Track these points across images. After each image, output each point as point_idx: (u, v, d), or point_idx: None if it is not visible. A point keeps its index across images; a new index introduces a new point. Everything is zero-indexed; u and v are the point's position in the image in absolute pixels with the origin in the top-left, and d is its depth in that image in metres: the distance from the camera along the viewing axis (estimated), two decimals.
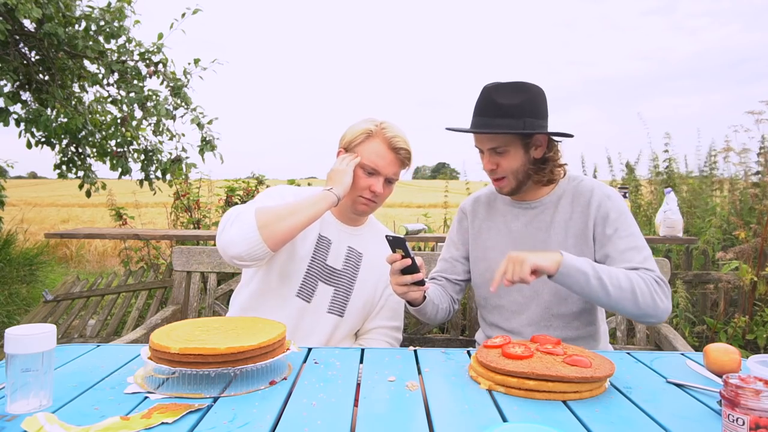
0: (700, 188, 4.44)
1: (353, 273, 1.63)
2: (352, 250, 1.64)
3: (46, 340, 0.92)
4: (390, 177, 1.59)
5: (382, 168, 1.56)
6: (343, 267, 1.62)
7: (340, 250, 1.62)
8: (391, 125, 1.60)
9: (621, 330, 2.05)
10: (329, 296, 1.59)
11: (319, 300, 1.58)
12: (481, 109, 1.50)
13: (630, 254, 1.45)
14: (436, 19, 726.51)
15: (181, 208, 4.85)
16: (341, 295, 1.61)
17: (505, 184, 1.54)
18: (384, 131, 1.57)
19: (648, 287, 1.37)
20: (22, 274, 4.81)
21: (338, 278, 1.61)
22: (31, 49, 4.04)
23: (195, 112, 4.27)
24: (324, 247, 1.60)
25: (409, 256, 1.36)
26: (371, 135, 1.57)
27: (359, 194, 1.58)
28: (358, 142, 1.58)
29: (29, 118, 3.87)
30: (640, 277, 1.38)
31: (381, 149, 1.56)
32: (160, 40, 4.18)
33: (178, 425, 0.86)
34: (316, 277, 1.58)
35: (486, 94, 1.50)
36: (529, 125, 1.46)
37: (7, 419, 0.87)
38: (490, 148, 1.51)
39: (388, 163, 1.57)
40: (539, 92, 1.51)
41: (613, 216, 1.50)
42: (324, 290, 1.59)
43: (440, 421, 0.89)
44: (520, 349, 1.09)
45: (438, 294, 1.66)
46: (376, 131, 1.57)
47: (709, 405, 0.99)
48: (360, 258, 1.65)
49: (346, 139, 1.61)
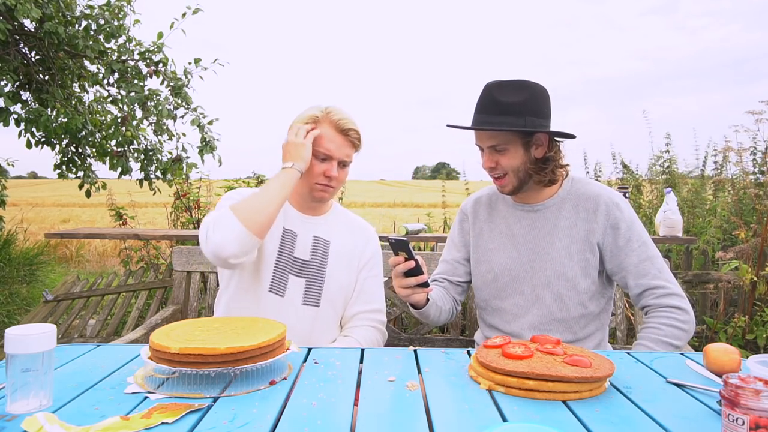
0: (700, 188, 4.45)
1: (322, 262, 1.62)
2: (318, 239, 1.64)
3: (46, 340, 0.92)
4: (343, 160, 1.59)
5: (333, 152, 1.56)
6: (312, 257, 1.61)
7: (306, 241, 1.62)
8: (337, 108, 1.59)
9: (621, 330, 2.04)
10: (302, 288, 1.59)
11: (292, 293, 1.58)
12: (483, 107, 1.50)
13: (645, 266, 1.50)
14: (436, 19, 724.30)
15: (181, 208, 4.86)
16: (314, 285, 1.60)
17: (506, 182, 1.53)
18: (330, 115, 1.57)
19: (677, 328, 1.45)
20: (22, 274, 4.81)
21: (308, 269, 1.60)
22: (31, 49, 4.03)
23: (195, 112, 4.26)
24: (290, 240, 1.60)
25: (413, 258, 1.35)
26: (318, 121, 1.57)
27: (315, 181, 1.58)
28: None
29: (29, 118, 3.87)
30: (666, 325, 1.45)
31: (330, 133, 1.56)
32: (160, 40, 4.18)
33: (178, 425, 0.86)
34: (285, 270, 1.58)
35: (488, 91, 1.50)
36: (530, 124, 1.46)
37: (7, 419, 0.87)
38: (489, 145, 1.51)
39: (339, 146, 1.56)
40: (542, 91, 1.50)
41: (624, 226, 1.51)
42: (295, 283, 1.59)
43: (440, 421, 0.89)
44: (520, 349, 1.09)
45: (441, 296, 1.66)
46: (323, 116, 1.57)
47: (709, 405, 0.99)
48: (327, 246, 1.64)
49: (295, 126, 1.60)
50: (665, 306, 1.48)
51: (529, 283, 1.56)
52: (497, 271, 1.60)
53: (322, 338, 1.60)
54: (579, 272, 1.51)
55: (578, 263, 1.52)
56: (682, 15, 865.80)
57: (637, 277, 1.50)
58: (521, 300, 1.57)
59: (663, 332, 1.45)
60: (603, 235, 1.51)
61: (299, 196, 1.65)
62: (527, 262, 1.56)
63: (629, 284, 1.52)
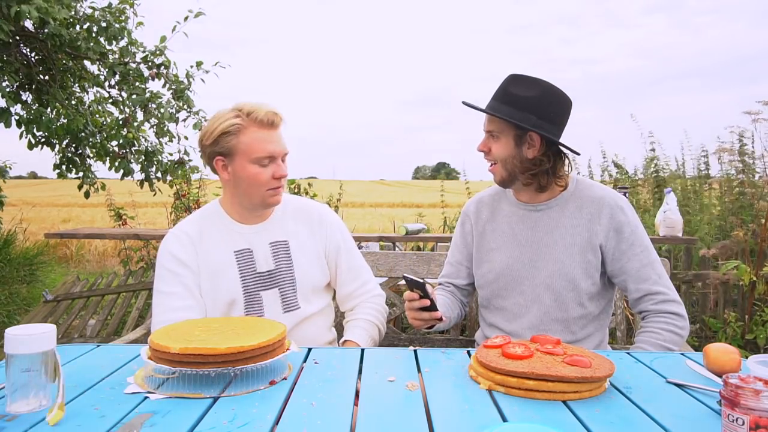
0: (693, 187, 4.46)
1: (288, 265, 1.55)
2: (276, 243, 1.56)
3: (46, 340, 0.92)
4: (283, 153, 1.49)
5: (275, 151, 1.45)
6: (276, 265, 1.54)
7: (264, 251, 1.54)
8: (251, 104, 1.45)
9: (621, 330, 2.04)
10: (277, 298, 1.54)
11: (270, 307, 1.53)
12: (495, 94, 1.53)
13: (646, 271, 1.51)
14: (437, 18, 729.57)
15: (181, 208, 4.86)
16: (288, 291, 1.55)
17: (496, 170, 1.56)
18: (252, 115, 1.43)
19: (676, 334, 1.47)
20: (22, 274, 4.81)
21: (276, 278, 1.54)
22: (32, 50, 4.04)
23: (197, 115, 4.26)
24: (246, 258, 1.52)
25: (428, 297, 1.37)
26: (241, 128, 1.43)
27: (266, 188, 1.47)
28: (232, 142, 1.43)
29: (30, 118, 3.87)
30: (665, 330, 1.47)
31: (261, 134, 1.44)
32: (162, 43, 4.19)
33: (178, 425, 0.86)
34: (254, 290, 1.52)
35: (505, 81, 1.53)
36: (525, 120, 1.46)
37: (8, 419, 0.87)
38: (488, 130, 1.54)
39: (276, 143, 1.46)
40: (556, 96, 1.49)
41: (628, 230, 1.52)
42: (269, 296, 1.53)
43: (440, 421, 0.89)
44: (520, 349, 1.09)
45: (448, 305, 1.68)
46: (245, 119, 1.43)
47: (709, 405, 0.99)
48: (287, 246, 1.56)
49: (212, 138, 1.45)
50: (664, 312, 1.49)
51: (530, 283, 1.56)
52: (498, 270, 1.61)
53: (319, 332, 1.59)
54: (580, 273, 1.52)
55: (580, 264, 1.52)
56: (687, 12, 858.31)
57: (637, 281, 1.51)
58: (522, 299, 1.57)
59: (662, 337, 1.46)
60: (606, 237, 1.52)
61: (244, 210, 1.54)
62: (528, 261, 1.57)
63: (629, 288, 1.53)
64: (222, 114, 1.46)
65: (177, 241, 1.52)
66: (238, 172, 1.47)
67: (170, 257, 1.50)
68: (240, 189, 1.49)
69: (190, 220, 1.58)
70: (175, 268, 1.49)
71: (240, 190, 1.49)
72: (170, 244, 1.52)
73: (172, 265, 1.49)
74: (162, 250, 1.52)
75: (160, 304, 1.47)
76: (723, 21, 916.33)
